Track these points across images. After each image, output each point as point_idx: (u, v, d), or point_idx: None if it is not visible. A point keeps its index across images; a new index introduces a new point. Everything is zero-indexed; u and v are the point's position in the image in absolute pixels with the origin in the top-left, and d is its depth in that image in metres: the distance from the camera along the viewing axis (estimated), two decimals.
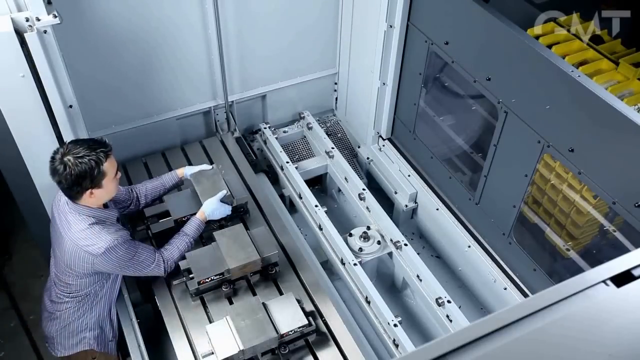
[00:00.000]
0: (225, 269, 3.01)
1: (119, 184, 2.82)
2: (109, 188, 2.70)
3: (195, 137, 4.18)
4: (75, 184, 2.58)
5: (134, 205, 3.23)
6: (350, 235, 3.66)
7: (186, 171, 3.34)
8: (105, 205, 2.84)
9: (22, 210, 3.39)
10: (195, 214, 3.30)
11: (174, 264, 3.00)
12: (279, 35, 4.02)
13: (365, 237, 3.63)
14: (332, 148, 4.16)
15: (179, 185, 3.38)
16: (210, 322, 2.96)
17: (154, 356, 3.01)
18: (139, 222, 3.39)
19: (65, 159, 2.55)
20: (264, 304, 2.89)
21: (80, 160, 2.55)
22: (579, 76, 2.57)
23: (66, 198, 2.70)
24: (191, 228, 3.09)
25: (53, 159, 2.59)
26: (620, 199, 2.54)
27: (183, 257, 3.04)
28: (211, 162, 3.92)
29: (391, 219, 3.75)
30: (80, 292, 2.85)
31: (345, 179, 4.05)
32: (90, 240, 2.65)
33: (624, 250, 2.55)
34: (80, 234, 2.66)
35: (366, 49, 3.88)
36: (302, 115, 4.46)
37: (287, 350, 2.84)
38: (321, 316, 3.05)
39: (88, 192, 2.63)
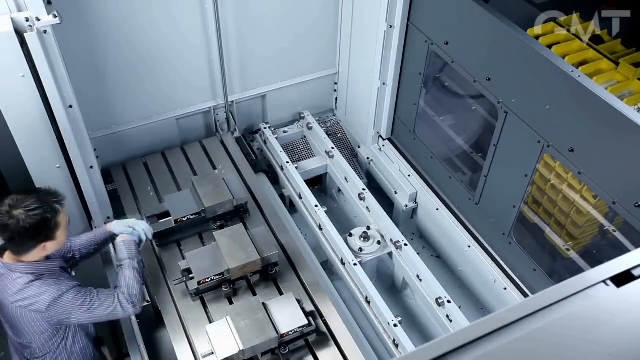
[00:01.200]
0: (225, 269, 3.01)
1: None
2: (61, 239, 2.51)
3: (195, 137, 4.18)
4: (29, 239, 2.39)
5: (67, 256, 2.86)
6: (350, 235, 3.66)
7: (113, 227, 2.92)
8: (47, 257, 2.58)
9: None
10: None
11: (139, 295, 2.71)
12: (279, 36, 4.02)
13: (365, 237, 3.63)
14: (332, 148, 4.16)
15: (110, 240, 2.98)
16: (210, 322, 2.96)
17: (154, 356, 3.01)
18: None
19: (15, 212, 2.33)
20: (264, 304, 2.89)
21: (33, 212, 2.34)
22: (579, 76, 2.57)
23: None
24: (124, 250, 2.79)
25: None
26: (620, 199, 2.54)
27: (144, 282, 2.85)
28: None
29: (391, 219, 3.75)
30: (48, 347, 2.63)
31: (345, 179, 4.05)
32: (33, 298, 2.43)
33: (624, 250, 2.56)
34: (20, 295, 2.43)
35: (366, 49, 3.88)
36: (302, 115, 4.46)
37: (287, 350, 2.84)
38: (321, 316, 3.05)
39: (41, 246, 2.43)
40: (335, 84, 4.52)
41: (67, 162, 3.01)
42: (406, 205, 4.00)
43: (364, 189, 3.88)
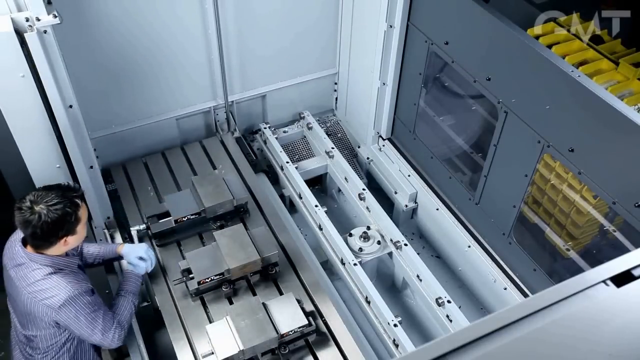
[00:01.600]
0: (225, 269, 3.01)
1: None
2: (82, 233, 2.56)
3: (195, 137, 4.18)
4: (51, 234, 2.44)
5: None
6: (350, 235, 3.66)
7: (124, 253, 2.98)
8: (66, 253, 2.64)
9: None
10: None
11: (126, 332, 2.75)
12: (279, 35, 4.02)
13: (365, 237, 3.63)
14: (332, 148, 4.16)
15: (117, 259, 3.07)
16: (210, 322, 2.96)
17: (154, 356, 3.01)
18: (139, 222, 3.40)
19: (37, 208, 2.38)
20: (264, 304, 2.89)
21: (54, 207, 2.40)
22: (579, 76, 2.57)
23: (20, 247, 2.53)
24: (131, 284, 2.87)
25: (20, 209, 2.40)
26: (620, 199, 2.54)
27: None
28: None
29: (391, 219, 3.75)
30: (51, 345, 2.64)
31: (345, 179, 4.05)
32: (49, 292, 2.46)
33: (624, 250, 2.56)
34: (37, 286, 2.47)
35: (366, 49, 3.88)
36: (302, 115, 4.46)
37: (287, 350, 2.84)
38: (321, 316, 3.05)
39: (62, 240, 2.48)
40: (335, 84, 4.52)
41: (67, 162, 3.01)
42: (406, 205, 4.00)
43: (364, 189, 3.88)
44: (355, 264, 3.42)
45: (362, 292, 3.37)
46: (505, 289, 3.33)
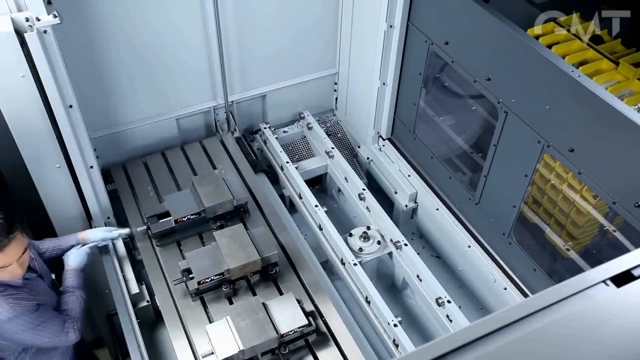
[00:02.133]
0: (225, 269, 3.01)
1: (22, 266, 2.49)
2: None
3: (195, 137, 4.17)
4: None
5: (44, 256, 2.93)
6: (350, 235, 3.66)
7: (87, 235, 3.06)
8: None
9: (22, 211, 3.38)
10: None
11: (82, 326, 2.75)
12: (279, 35, 4.02)
13: (365, 237, 3.63)
14: (332, 148, 4.16)
15: (78, 245, 3.06)
16: (210, 322, 2.96)
17: (154, 356, 3.01)
18: (139, 222, 3.40)
19: None
20: (264, 304, 2.89)
21: None
22: (579, 76, 2.57)
23: None
24: (74, 280, 2.86)
25: None
26: (620, 199, 2.54)
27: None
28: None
29: (391, 219, 3.75)
30: (13, 351, 2.61)
31: (345, 179, 4.05)
32: None
33: (624, 250, 2.56)
34: None
35: (366, 49, 3.88)
36: (302, 115, 4.46)
37: (287, 350, 2.84)
38: (321, 316, 3.05)
39: None
40: (335, 84, 4.52)
41: (67, 162, 3.01)
42: (406, 205, 4.00)
43: (364, 189, 3.88)
44: (355, 264, 3.42)
45: (362, 292, 3.37)
46: (505, 289, 3.33)
